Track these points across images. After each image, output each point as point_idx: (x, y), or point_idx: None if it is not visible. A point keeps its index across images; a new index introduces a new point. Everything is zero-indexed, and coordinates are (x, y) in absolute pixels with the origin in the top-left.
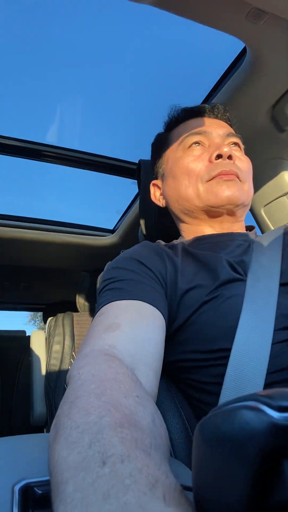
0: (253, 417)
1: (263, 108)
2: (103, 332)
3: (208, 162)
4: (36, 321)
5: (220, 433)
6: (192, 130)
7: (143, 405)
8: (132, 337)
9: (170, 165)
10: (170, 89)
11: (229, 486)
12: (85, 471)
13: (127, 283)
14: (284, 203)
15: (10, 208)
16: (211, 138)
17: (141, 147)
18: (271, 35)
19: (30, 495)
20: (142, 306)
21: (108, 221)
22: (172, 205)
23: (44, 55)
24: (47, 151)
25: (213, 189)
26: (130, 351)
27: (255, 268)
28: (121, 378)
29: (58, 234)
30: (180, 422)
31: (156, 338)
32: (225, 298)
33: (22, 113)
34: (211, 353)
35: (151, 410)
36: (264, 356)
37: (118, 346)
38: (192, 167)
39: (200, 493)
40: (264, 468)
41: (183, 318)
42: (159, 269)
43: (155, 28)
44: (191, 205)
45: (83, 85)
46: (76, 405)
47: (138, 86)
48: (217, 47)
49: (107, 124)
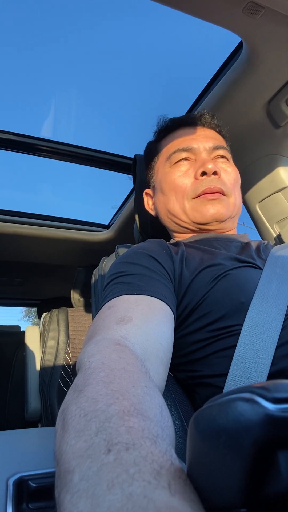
0: (248, 408)
1: (259, 103)
2: (115, 324)
3: (194, 178)
4: (31, 316)
5: (215, 425)
6: (179, 147)
7: (151, 396)
8: (143, 330)
9: (159, 179)
10: (165, 83)
11: (224, 477)
12: (91, 459)
13: (138, 277)
14: (279, 199)
15: (3, 203)
16: (197, 153)
17: (137, 142)
18: (268, 29)
19: (24, 488)
20: (152, 301)
21: (103, 216)
22: (162, 218)
23: (39, 47)
24: (41, 145)
25: (198, 207)
26: (141, 343)
27: (272, 260)
28: (130, 368)
29: (52, 229)
30: (176, 415)
31: (166, 332)
32: (233, 278)
33: (16, 107)
34: (220, 330)
35: (158, 401)
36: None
37: (129, 337)
38: (179, 183)
39: (194, 484)
40: (259, 460)
41: (192, 304)
42: (168, 265)
43: (151, 21)
44: (180, 220)
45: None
46: (85, 393)
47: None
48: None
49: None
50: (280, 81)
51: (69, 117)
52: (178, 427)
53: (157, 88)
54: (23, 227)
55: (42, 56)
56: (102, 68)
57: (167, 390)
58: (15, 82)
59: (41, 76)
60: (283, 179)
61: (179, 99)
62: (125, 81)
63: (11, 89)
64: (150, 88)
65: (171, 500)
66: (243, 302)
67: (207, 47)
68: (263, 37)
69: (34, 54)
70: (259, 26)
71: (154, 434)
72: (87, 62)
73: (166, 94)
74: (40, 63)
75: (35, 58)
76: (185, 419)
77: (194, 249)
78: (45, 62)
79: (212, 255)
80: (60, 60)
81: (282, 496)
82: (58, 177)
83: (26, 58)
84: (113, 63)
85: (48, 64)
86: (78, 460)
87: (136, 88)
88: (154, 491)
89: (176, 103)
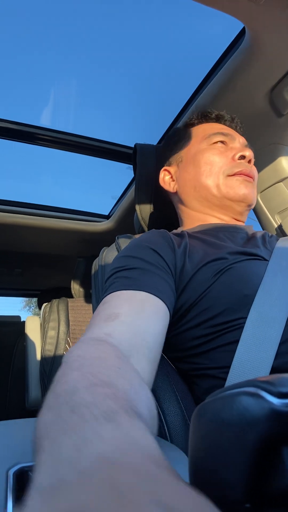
0: (252, 403)
1: (261, 91)
2: (103, 322)
3: (230, 159)
4: (31, 307)
5: (218, 419)
6: (220, 130)
7: (124, 377)
8: (129, 327)
9: (193, 154)
10: (167, 71)
11: (228, 472)
12: (57, 423)
13: (135, 272)
14: (281, 189)
15: (2, 193)
16: (234, 142)
17: (137, 131)
18: (271, 15)
19: (24, 479)
20: (146, 297)
21: (104, 207)
22: (185, 191)
23: (38, 36)
24: (40, 134)
25: (233, 184)
26: (126, 339)
27: (278, 253)
28: (104, 355)
29: (52, 220)
30: (177, 406)
31: (156, 329)
32: (236, 272)
33: (15, 95)
34: (221, 324)
35: (132, 381)
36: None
37: (114, 334)
38: (216, 160)
39: (197, 479)
40: (264, 455)
41: (193, 299)
42: (170, 258)
43: (152, 8)
44: (209, 193)
45: (77, 66)
46: (59, 381)
47: (134, 68)
48: (215, 29)
49: (102, 107)
50: (283, 69)
51: (68, 105)
52: (179, 419)
53: (157, 77)
54: (23, 217)
55: (41, 44)
56: (102, 56)
57: (167, 381)
58: (14, 69)
59: (40, 64)
60: (285, 169)
61: (180, 88)
62: (125, 70)
63: (10, 77)
64: (151, 77)
65: (119, 428)
66: (246, 295)
67: (208, 35)
68: (266, 23)
69: (33, 42)
70: (262, 12)
71: (119, 396)
72: (87, 50)
73: (167, 83)
74: (39, 51)
75: (34, 45)
76: (186, 411)
77: (198, 241)
78: (44, 50)
79: (216, 248)
80: (59, 48)
81: (286, 492)
82: (58, 167)
83: (24, 46)
84: (113, 51)
85: (47, 52)
86: (47, 426)
87: (137, 77)
88: (103, 428)
89: (177, 92)
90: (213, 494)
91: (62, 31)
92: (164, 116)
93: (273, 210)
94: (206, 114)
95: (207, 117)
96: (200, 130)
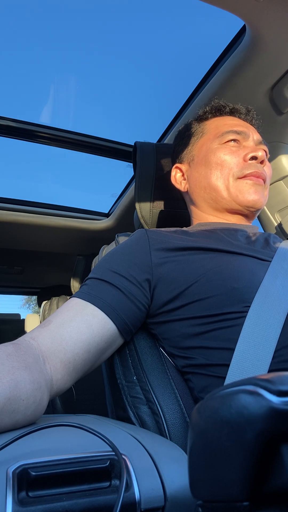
0: (251, 401)
1: (261, 89)
2: (40, 326)
3: (242, 159)
4: (31, 304)
5: (217, 417)
6: (233, 128)
7: (11, 371)
8: (53, 334)
9: (204, 153)
10: (167, 69)
11: (227, 471)
12: None
13: (97, 283)
14: (281, 187)
15: (2, 191)
16: (247, 140)
17: (137, 129)
18: (272, 13)
19: (24, 477)
20: (90, 309)
21: (103, 205)
22: (196, 191)
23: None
24: (40, 132)
25: (242, 188)
26: (46, 344)
27: (281, 255)
28: (9, 351)
29: (52, 218)
30: (176, 404)
31: (79, 339)
32: (230, 264)
33: (14, 92)
34: (215, 316)
35: (15, 377)
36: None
37: (37, 338)
38: (227, 160)
39: (195, 476)
40: (263, 453)
41: (185, 285)
42: (137, 268)
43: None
44: (218, 195)
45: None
46: None
47: (134, 65)
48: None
49: (102, 105)
50: (284, 67)
51: (68, 103)
52: (179, 417)
53: (158, 74)
54: (23, 215)
55: (40, 41)
56: (102, 53)
57: (166, 379)
58: (13, 66)
59: (40, 61)
60: (285, 167)
61: (180, 86)
62: (125, 67)
63: (9, 74)
64: (151, 74)
65: None
66: (235, 288)
67: (209, 32)
68: (267, 21)
69: (33, 39)
70: (263, 10)
71: None
72: (87, 47)
73: (167, 81)
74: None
75: (34, 42)
76: (186, 409)
77: (194, 237)
78: (44, 46)
79: (212, 243)
80: (59, 45)
81: (285, 490)
82: (58, 165)
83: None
84: (113, 49)
85: (46, 48)
86: None
87: (137, 75)
88: None
89: (177, 90)
90: (212, 492)
91: (62, 28)
92: (164, 114)
93: (273, 208)
94: (220, 107)
95: (221, 110)
96: (212, 126)
